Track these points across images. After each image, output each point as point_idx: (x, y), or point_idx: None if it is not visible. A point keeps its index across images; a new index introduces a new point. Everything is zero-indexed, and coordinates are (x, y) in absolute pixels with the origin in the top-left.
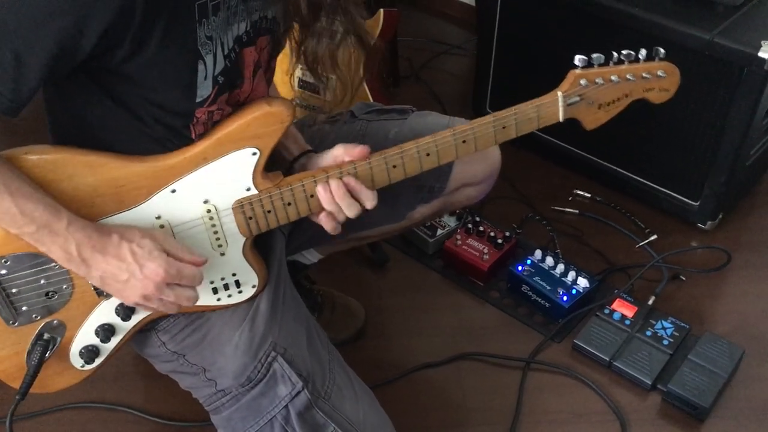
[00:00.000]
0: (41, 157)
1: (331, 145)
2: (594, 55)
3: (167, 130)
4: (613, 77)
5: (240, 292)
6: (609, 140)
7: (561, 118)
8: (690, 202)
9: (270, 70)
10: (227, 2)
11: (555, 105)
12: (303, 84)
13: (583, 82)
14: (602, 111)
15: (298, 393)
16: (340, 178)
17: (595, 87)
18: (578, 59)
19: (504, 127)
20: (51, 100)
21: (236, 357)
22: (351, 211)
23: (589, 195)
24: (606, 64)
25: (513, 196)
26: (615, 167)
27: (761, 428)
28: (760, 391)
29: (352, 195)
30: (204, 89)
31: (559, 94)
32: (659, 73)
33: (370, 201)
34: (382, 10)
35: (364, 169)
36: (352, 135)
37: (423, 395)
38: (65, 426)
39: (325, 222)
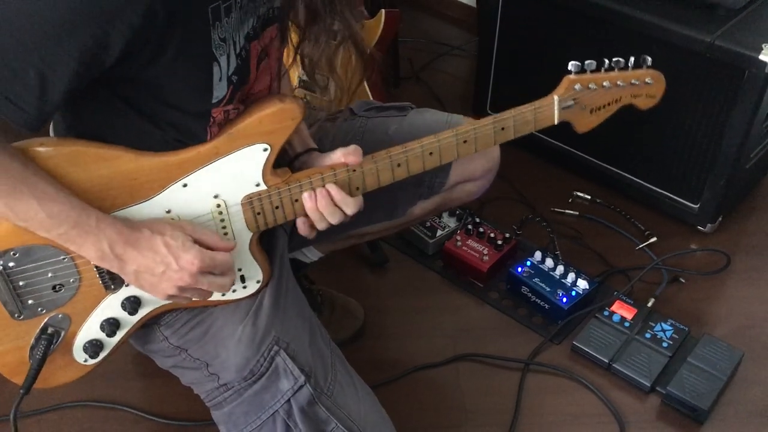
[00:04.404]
0: (56, 149)
1: (331, 143)
2: (587, 62)
3: (182, 133)
4: (605, 83)
5: (245, 287)
6: (609, 142)
7: (556, 121)
8: (690, 204)
9: (278, 60)
10: (239, 2)
11: (551, 108)
12: (303, 84)
13: (577, 87)
14: (594, 115)
15: (301, 387)
16: (324, 186)
17: (588, 92)
18: (572, 65)
19: (503, 129)
20: (63, 108)
21: (239, 351)
22: (334, 218)
23: (589, 197)
24: (598, 70)
25: (513, 198)
26: (615, 169)
27: (760, 431)
28: (759, 393)
29: (335, 203)
30: (219, 90)
31: (556, 97)
32: (647, 80)
33: (350, 208)
34: (383, 11)
35: (371, 168)
36: (352, 132)
37: (422, 396)
38: (65, 424)
39: (301, 227)
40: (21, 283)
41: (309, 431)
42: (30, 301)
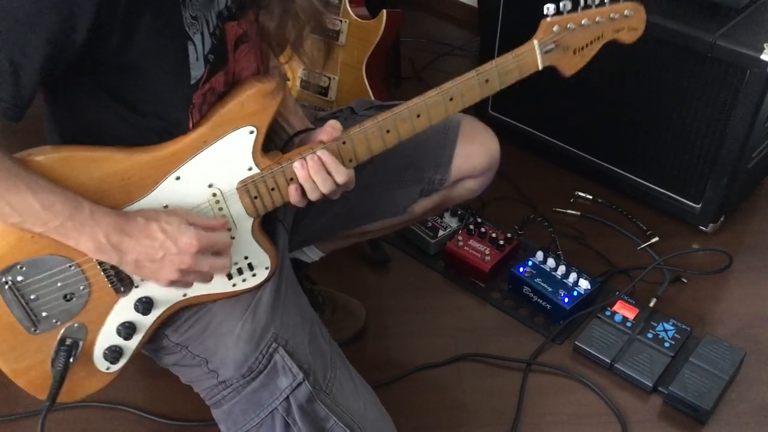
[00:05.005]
0: (47, 157)
1: None
2: (561, 2)
3: (166, 122)
4: (584, 21)
5: (254, 275)
6: (611, 142)
7: (540, 66)
8: (692, 204)
9: (264, 45)
10: None
11: (533, 53)
12: (305, 84)
13: (555, 28)
14: (578, 56)
15: (299, 385)
16: (315, 153)
17: (568, 32)
18: (547, 7)
19: (487, 80)
20: (52, 104)
21: (238, 347)
22: (325, 186)
23: (590, 197)
24: (574, 9)
25: (514, 198)
26: (617, 169)
27: (762, 431)
28: (761, 393)
29: (327, 169)
30: (197, 70)
31: (535, 42)
32: (626, 12)
33: (341, 176)
34: (384, 11)
35: (360, 137)
36: None
37: (423, 396)
38: (65, 424)
39: (293, 194)
40: (32, 297)
41: (308, 429)
42: (44, 314)
